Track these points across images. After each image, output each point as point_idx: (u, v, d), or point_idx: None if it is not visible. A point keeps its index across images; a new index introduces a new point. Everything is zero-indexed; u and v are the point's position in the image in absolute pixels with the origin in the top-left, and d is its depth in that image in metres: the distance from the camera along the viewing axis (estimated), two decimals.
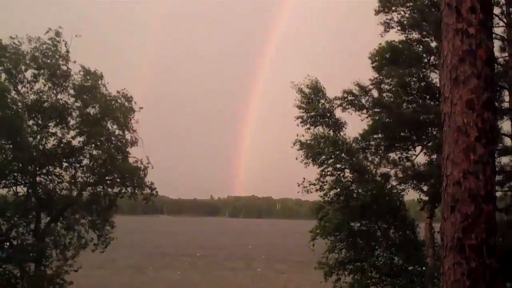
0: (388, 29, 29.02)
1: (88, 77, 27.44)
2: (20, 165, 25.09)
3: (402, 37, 29.06)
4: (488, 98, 5.08)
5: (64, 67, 26.47)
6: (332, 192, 27.69)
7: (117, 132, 27.80)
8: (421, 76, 28.53)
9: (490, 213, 5.05)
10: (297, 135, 28.21)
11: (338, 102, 28.52)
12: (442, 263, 4.99)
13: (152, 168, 27.92)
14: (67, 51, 26.29)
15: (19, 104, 25.48)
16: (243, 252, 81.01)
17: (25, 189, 26.11)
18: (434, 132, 28.14)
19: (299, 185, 27.99)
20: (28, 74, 26.20)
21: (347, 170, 27.96)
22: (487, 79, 5.08)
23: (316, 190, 27.88)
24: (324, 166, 27.66)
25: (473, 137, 4.99)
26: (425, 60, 29.05)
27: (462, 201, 5.07)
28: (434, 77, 28.67)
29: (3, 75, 25.48)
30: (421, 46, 28.92)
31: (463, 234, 5.00)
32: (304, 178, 27.86)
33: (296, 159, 27.90)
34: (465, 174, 5.01)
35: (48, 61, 26.02)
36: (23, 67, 25.86)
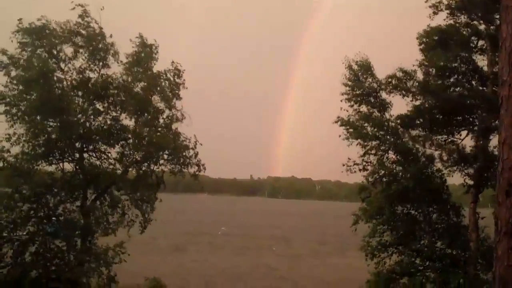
0: (437, 12, 28.51)
1: (142, 49, 27.38)
2: (67, 142, 25.39)
3: (451, 21, 28.54)
4: None
5: (103, 42, 26.43)
6: (376, 174, 27.59)
7: (165, 109, 27.79)
8: (469, 59, 28.06)
9: None
10: (341, 108, 28.02)
11: (383, 86, 28.24)
12: (495, 248, 4.95)
13: (201, 145, 27.94)
14: (100, 28, 26.32)
15: (64, 83, 25.69)
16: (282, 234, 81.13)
17: (72, 165, 26.43)
18: (481, 116, 27.73)
19: (343, 165, 27.99)
20: (68, 52, 26.30)
21: (391, 152, 27.80)
22: None
23: (360, 170, 27.83)
24: (368, 146, 27.56)
25: None
26: (473, 44, 28.52)
27: None
28: (481, 61, 28.22)
29: (44, 55, 25.57)
30: (469, 30, 28.37)
31: None
32: (349, 158, 27.86)
33: (340, 136, 27.83)
34: None
35: (84, 38, 26.05)
36: (63, 46, 25.99)
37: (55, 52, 25.66)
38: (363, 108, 28.33)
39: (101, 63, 26.63)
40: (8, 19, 25.88)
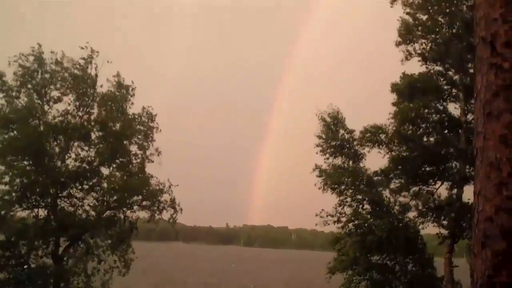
0: (409, 58, 29.05)
1: (121, 90, 27.45)
2: (43, 187, 25.10)
3: (423, 68, 29.11)
4: None
5: (92, 90, 26.55)
6: (350, 224, 27.53)
7: (138, 152, 27.71)
8: (442, 108, 28.48)
9: None
10: (316, 165, 28.20)
11: (356, 141, 28.52)
12: None
13: (177, 185, 27.78)
14: (96, 75, 26.48)
15: (44, 125, 25.60)
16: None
17: (45, 211, 26.08)
18: (455, 166, 27.98)
19: (316, 215, 27.98)
20: (55, 93, 26.38)
21: (365, 202, 27.82)
22: None
23: (334, 222, 27.82)
24: (343, 196, 27.59)
25: (506, 172, 4.93)
26: (446, 92, 28.99)
27: (493, 237, 4.98)
28: (454, 109, 28.69)
29: (26, 95, 25.56)
30: (442, 78, 28.90)
31: (494, 272, 4.90)
32: (322, 210, 27.83)
33: (315, 185, 28.02)
34: (497, 210, 4.93)
35: (77, 83, 26.14)
36: (51, 87, 26.05)
37: (43, 92, 25.67)
38: (338, 160, 28.49)
39: (84, 109, 26.67)
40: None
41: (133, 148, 27.87)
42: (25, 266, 25.01)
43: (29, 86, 25.77)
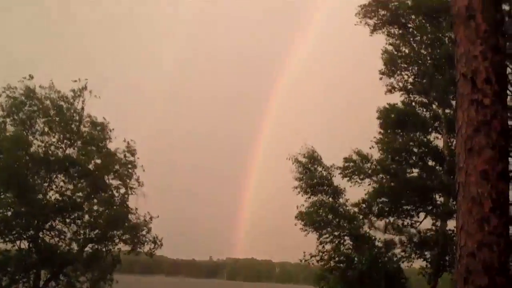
0: (392, 91, 29.35)
1: (97, 128, 27.59)
2: (25, 220, 24.92)
3: (408, 100, 29.38)
4: (502, 169, 5.10)
5: (76, 126, 26.62)
6: (331, 262, 27.50)
7: (120, 187, 27.69)
8: (426, 141, 28.65)
9: (504, 285, 4.98)
10: (297, 206, 28.26)
11: (339, 171, 28.59)
12: None
13: (157, 217, 27.69)
14: (82, 108, 26.57)
15: (27, 157, 25.51)
16: None
17: (27, 244, 25.83)
18: (439, 199, 28.04)
19: (301, 261, 28.09)
20: (40, 125, 26.37)
21: (347, 238, 27.80)
22: (501, 150, 5.12)
23: (317, 261, 27.80)
24: (323, 234, 27.60)
25: (488, 208, 5.00)
26: (430, 125, 29.21)
27: (476, 273, 5.03)
28: (438, 140, 28.88)
29: (12, 126, 25.60)
30: (426, 111, 29.17)
31: None
32: (304, 252, 28.09)
33: (295, 225, 27.94)
34: (480, 246, 4.97)
35: (62, 117, 26.20)
36: (37, 120, 26.08)
37: (29, 123, 25.66)
38: (318, 197, 28.54)
39: (68, 143, 26.68)
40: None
41: (115, 182, 27.84)
42: None
43: (16, 117, 25.74)
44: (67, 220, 26.68)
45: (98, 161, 27.36)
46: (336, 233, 27.91)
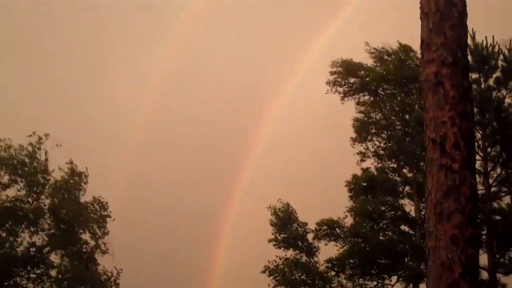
0: (364, 159, 29.73)
1: (74, 177, 27.17)
2: None
3: (377, 165, 29.66)
4: (472, 234, 5.09)
5: (43, 176, 26.24)
6: None
7: (89, 240, 27.16)
8: (397, 205, 28.76)
9: None
10: (268, 261, 27.97)
11: (312, 234, 28.53)
12: None
13: (121, 271, 27.15)
14: (46, 159, 26.24)
15: None
16: None
17: None
18: (410, 262, 27.95)
19: None
20: (3, 178, 25.94)
21: None
22: (471, 215, 5.12)
23: None
24: None
25: (457, 273, 4.96)
26: (400, 189, 29.42)
27: None
28: (409, 205, 29.03)
29: None
30: (396, 175, 29.43)
31: None
32: None
33: (269, 285, 27.55)
34: None
35: (26, 169, 25.81)
36: (2, 173, 25.68)
37: None
38: (291, 252, 28.40)
39: (35, 195, 26.26)
40: None
41: (85, 237, 27.36)
42: None
43: None
44: (32, 276, 26.00)
45: (70, 213, 26.83)
46: None
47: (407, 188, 29.66)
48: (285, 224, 28.69)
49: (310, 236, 29.07)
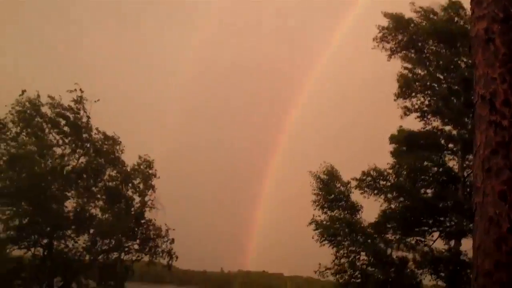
0: (407, 114, 29.41)
1: (106, 142, 27.85)
2: (39, 228, 25.10)
3: (420, 122, 29.44)
4: None
5: (87, 134, 26.79)
6: (346, 276, 27.41)
7: (136, 199, 27.80)
8: (440, 161, 28.59)
9: None
10: (313, 215, 28.22)
11: (356, 183, 28.58)
12: None
13: (174, 230, 27.74)
14: (88, 117, 26.75)
15: (43, 168, 25.67)
16: None
17: (41, 251, 25.96)
18: (452, 219, 27.88)
19: (315, 272, 27.98)
20: (52, 137, 26.55)
21: (362, 253, 27.71)
22: None
23: (332, 275, 27.71)
24: (340, 247, 27.54)
25: (505, 228, 4.99)
26: (444, 147, 29.19)
27: None
28: (452, 160, 28.84)
29: (26, 138, 25.80)
30: (440, 132, 29.16)
31: None
32: (319, 264, 27.84)
33: (312, 238, 27.88)
34: (496, 265, 4.96)
35: (71, 126, 26.38)
36: (46, 131, 26.23)
37: (41, 136, 25.84)
38: (335, 213, 28.62)
39: (81, 152, 26.84)
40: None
41: (131, 194, 27.98)
42: None
43: (29, 130, 25.96)
44: (81, 230, 26.77)
45: (113, 172, 27.50)
46: (352, 248, 27.90)
47: (450, 145, 29.44)
48: (329, 185, 28.88)
49: (353, 196, 29.24)
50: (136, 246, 27.42)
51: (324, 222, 28.19)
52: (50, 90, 27.73)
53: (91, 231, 26.96)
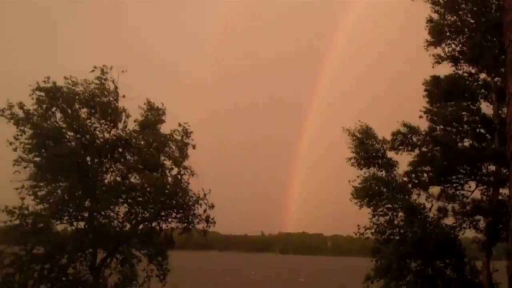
0: (439, 62, 28.90)
1: (150, 113, 28.07)
2: (77, 202, 25.52)
3: (453, 70, 28.95)
4: None
5: (115, 104, 26.90)
6: (385, 235, 27.52)
7: (172, 167, 27.97)
8: (475, 110, 28.16)
9: None
10: (349, 181, 28.37)
11: (388, 145, 28.47)
12: None
13: (210, 191, 27.93)
14: (116, 87, 26.85)
15: (74, 142, 25.94)
16: None
17: (82, 224, 26.45)
18: (490, 168, 27.57)
19: (355, 234, 28.11)
20: (82, 112, 26.76)
21: (400, 210, 27.71)
22: None
23: (372, 234, 27.84)
24: (377, 207, 27.61)
25: None
26: (479, 94, 28.67)
27: None
28: (487, 108, 28.40)
29: (58, 115, 26.03)
30: (475, 80, 28.64)
31: None
32: (358, 225, 27.98)
33: (350, 200, 28.00)
34: None
35: (98, 99, 26.51)
36: (76, 106, 26.42)
37: (69, 112, 26.01)
38: (371, 170, 28.62)
39: (112, 124, 26.98)
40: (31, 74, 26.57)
41: (168, 163, 28.16)
42: (64, 279, 25.37)
43: (54, 109, 26.18)
44: (120, 200, 27.14)
45: (150, 140, 27.67)
46: (389, 206, 27.91)
47: (486, 92, 28.89)
48: (364, 142, 28.80)
49: (389, 154, 29.16)
50: (174, 215, 27.68)
51: (360, 184, 28.23)
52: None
53: (129, 201, 27.29)
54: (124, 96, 27.18)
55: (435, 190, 28.57)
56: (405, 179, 28.51)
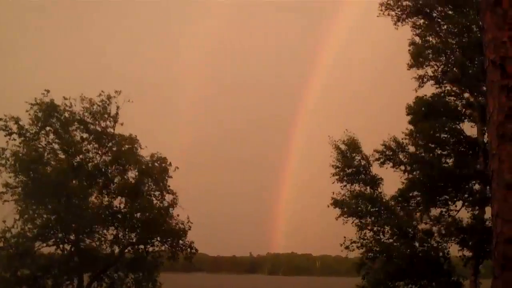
0: (422, 84, 29.06)
1: (124, 142, 27.96)
2: (64, 224, 25.38)
3: (436, 90, 29.08)
4: None
5: (111, 130, 26.93)
6: (371, 253, 27.34)
7: (157, 193, 27.90)
8: (458, 130, 28.30)
9: None
10: (333, 192, 28.05)
11: (376, 156, 28.33)
12: None
13: (191, 226, 27.83)
14: (117, 113, 26.87)
15: (65, 164, 25.86)
16: None
17: (69, 247, 26.30)
18: (474, 187, 27.70)
19: (341, 245, 27.80)
20: (77, 133, 26.74)
21: (387, 227, 27.59)
22: None
23: (358, 248, 27.59)
24: (363, 223, 27.46)
25: None
26: (462, 113, 28.85)
27: None
28: (471, 128, 28.53)
29: (52, 136, 25.99)
30: (458, 100, 28.82)
31: None
32: (345, 237, 27.71)
33: (336, 219, 27.80)
34: None
35: (96, 122, 26.53)
36: (70, 128, 26.38)
37: (62, 134, 25.94)
38: (356, 187, 28.32)
39: (104, 149, 27.00)
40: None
41: (152, 187, 28.14)
42: None
43: (48, 128, 26.08)
44: (106, 225, 27.04)
45: (133, 171, 27.65)
46: (375, 223, 27.76)
47: (469, 112, 29.10)
48: (348, 156, 28.54)
49: (373, 169, 28.98)
50: (159, 239, 27.61)
51: (344, 199, 28.01)
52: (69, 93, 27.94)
53: (116, 224, 27.20)
54: (122, 124, 27.29)
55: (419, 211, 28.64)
56: (392, 202, 28.45)
